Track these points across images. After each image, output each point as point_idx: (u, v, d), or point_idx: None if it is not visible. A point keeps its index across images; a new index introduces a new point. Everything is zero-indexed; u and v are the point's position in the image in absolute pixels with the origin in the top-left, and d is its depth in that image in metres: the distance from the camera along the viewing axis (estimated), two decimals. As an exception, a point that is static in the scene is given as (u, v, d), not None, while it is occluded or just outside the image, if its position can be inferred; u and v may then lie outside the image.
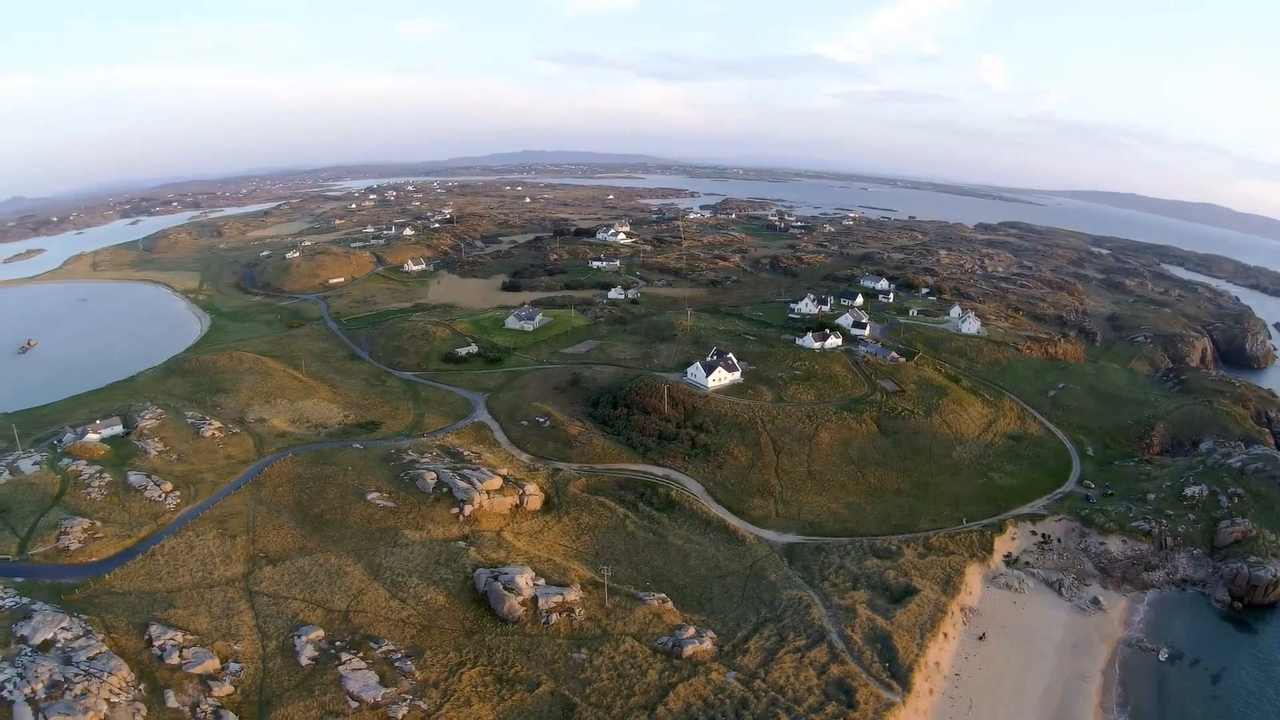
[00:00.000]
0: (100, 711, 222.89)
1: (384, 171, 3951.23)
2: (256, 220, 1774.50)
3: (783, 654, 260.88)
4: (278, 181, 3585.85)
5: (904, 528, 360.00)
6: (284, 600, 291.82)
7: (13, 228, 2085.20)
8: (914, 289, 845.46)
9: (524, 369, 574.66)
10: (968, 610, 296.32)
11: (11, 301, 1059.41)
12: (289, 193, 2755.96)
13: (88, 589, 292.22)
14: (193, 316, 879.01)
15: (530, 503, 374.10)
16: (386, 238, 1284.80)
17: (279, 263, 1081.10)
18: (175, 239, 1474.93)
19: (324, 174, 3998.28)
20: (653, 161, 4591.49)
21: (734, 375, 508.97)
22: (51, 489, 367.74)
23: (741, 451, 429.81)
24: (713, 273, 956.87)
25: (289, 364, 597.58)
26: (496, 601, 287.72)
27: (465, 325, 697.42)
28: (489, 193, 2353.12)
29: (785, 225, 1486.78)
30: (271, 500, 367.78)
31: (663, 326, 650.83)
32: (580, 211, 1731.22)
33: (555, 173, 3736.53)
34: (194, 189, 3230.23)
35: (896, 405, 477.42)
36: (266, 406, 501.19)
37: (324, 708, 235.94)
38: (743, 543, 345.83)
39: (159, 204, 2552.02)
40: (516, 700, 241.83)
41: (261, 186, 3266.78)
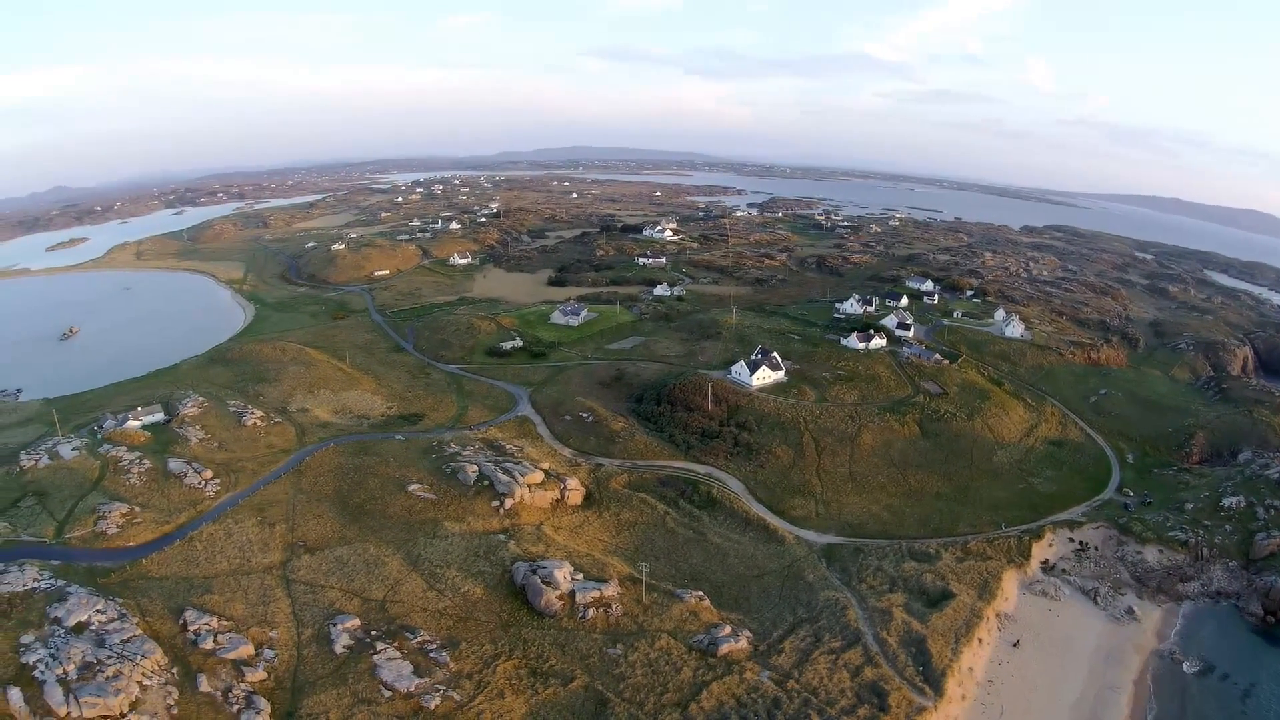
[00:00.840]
0: (131, 694, 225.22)
1: (431, 165, 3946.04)
2: (302, 212, 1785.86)
3: (817, 655, 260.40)
4: (324, 174, 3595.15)
5: (943, 531, 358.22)
6: (321, 589, 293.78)
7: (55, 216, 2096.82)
8: (959, 291, 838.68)
9: (568, 364, 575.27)
10: (1003, 616, 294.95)
11: (54, 289, 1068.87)
12: (335, 185, 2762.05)
13: (124, 573, 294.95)
14: (237, 306, 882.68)
15: (571, 497, 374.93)
16: (433, 231, 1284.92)
17: (324, 254, 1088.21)
18: (220, 229, 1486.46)
19: (370, 167, 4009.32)
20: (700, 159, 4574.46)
21: (778, 374, 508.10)
22: (91, 474, 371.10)
23: (783, 451, 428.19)
24: (759, 271, 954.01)
25: (333, 355, 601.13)
26: (534, 595, 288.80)
27: (510, 319, 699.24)
28: (536, 188, 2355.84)
29: (832, 225, 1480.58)
30: (312, 489, 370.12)
31: (708, 324, 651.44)
32: (627, 208, 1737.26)
33: (603, 169, 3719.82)
34: (239, 180, 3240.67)
35: (939, 408, 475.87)
36: (309, 397, 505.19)
37: (357, 696, 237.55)
38: (782, 542, 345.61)
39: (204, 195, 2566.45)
40: (550, 694, 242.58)
41: (307, 179, 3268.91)
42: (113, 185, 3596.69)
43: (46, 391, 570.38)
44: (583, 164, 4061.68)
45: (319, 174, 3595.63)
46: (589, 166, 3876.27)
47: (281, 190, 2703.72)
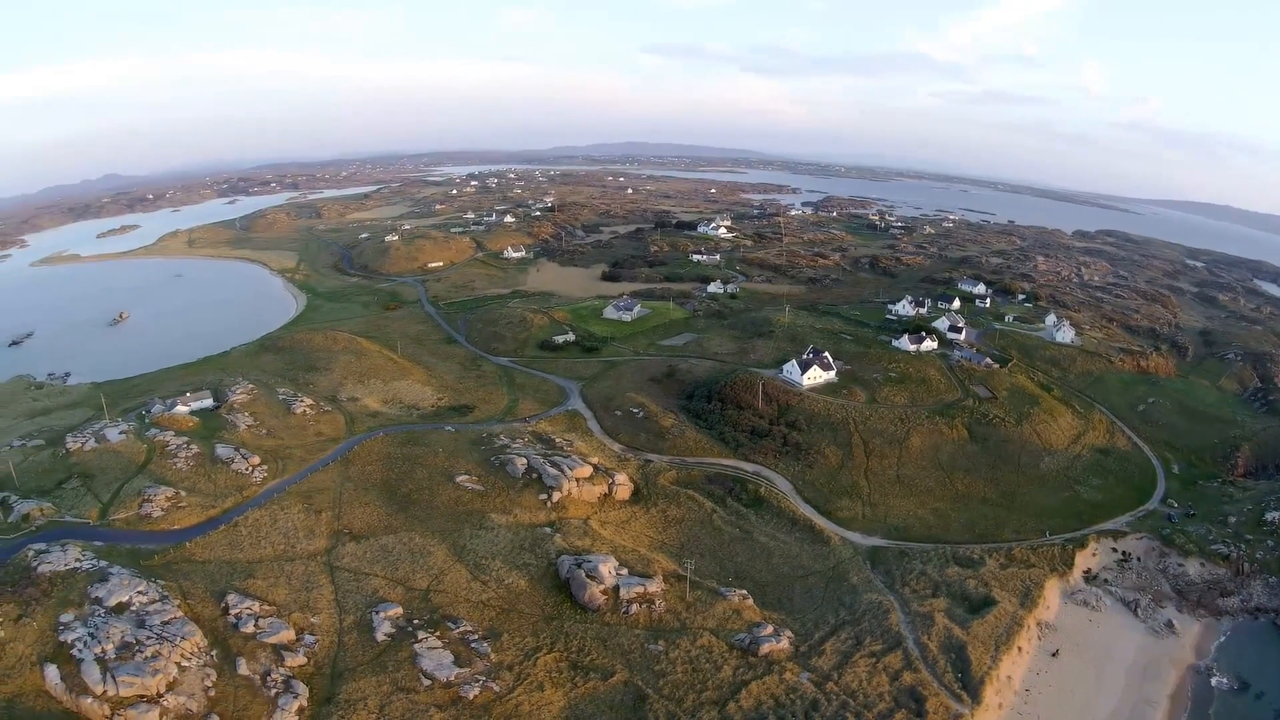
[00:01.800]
0: (170, 674, 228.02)
1: (486, 159, 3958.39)
2: (356, 203, 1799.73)
3: (858, 658, 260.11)
4: (378, 165, 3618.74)
5: (988, 537, 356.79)
6: (365, 576, 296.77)
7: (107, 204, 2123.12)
8: (1011, 294, 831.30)
9: (620, 359, 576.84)
10: (1044, 625, 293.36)
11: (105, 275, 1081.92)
12: (389, 177, 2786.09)
13: (167, 555, 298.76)
14: (288, 295, 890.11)
15: (619, 492, 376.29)
16: (487, 224, 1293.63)
17: (378, 245, 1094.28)
18: (273, 219, 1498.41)
19: (425, 159, 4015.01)
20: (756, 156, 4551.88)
21: (829, 374, 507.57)
22: (137, 457, 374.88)
23: (832, 451, 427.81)
24: (812, 270, 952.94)
25: (384, 345, 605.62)
26: (578, 589, 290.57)
27: (563, 313, 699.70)
28: (591, 182, 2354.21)
29: (886, 225, 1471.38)
30: (360, 478, 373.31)
31: (760, 322, 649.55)
32: (682, 204, 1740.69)
33: (658, 165, 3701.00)
34: (293, 171, 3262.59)
35: (988, 412, 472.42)
36: (360, 386, 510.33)
37: (396, 684, 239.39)
38: (828, 543, 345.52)
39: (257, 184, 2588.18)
40: (589, 688, 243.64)
41: (361, 170, 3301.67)
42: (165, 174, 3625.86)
43: (95, 376, 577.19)
44: (638, 160, 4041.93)
45: (373, 166, 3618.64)
46: (644, 162, 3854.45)
47: (335, 181, 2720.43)
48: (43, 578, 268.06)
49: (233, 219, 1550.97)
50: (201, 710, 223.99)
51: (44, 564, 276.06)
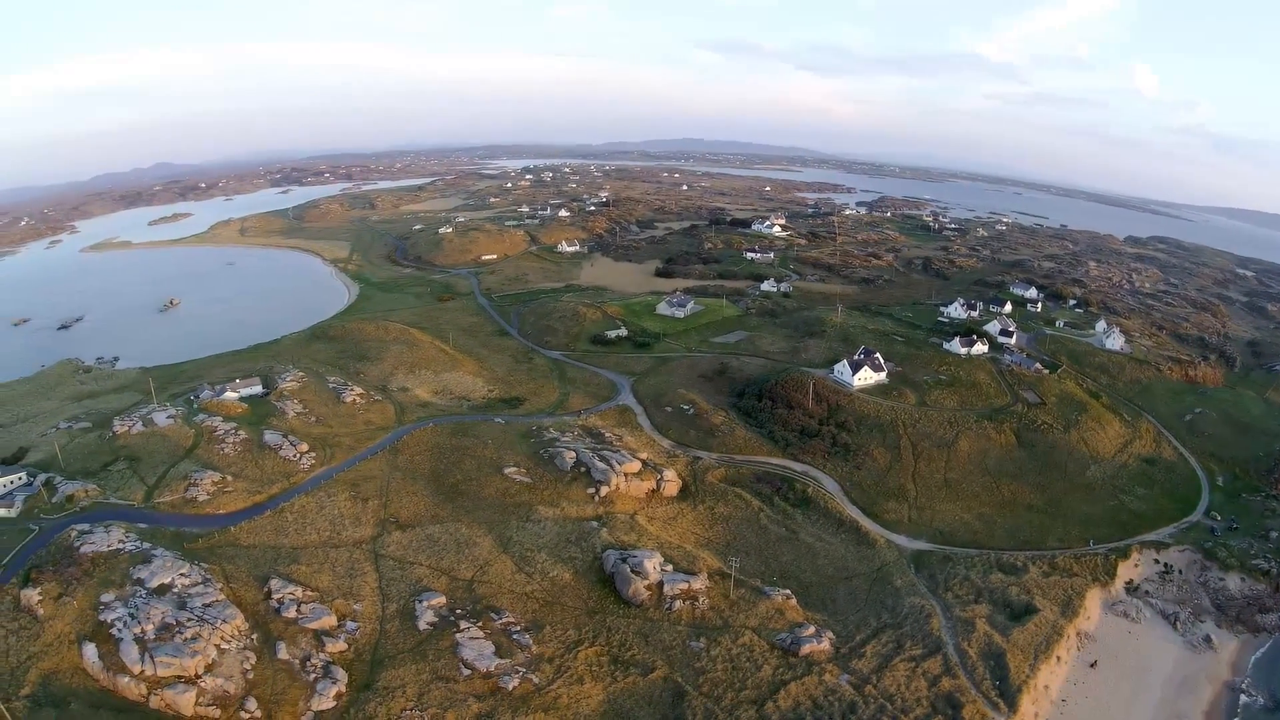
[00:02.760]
0: (209, 656, 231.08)
1: (541, 153, 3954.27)
2: (410, 194, 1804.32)
3: (898, 661, 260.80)
4: (432, 158, 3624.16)
5: (1032, 544, 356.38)
6: (410, 565, 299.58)
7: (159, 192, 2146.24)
8: (1062, 299, 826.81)
9: (672, 355, 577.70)
10: (1083, 635, 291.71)
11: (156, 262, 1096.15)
12: (444, 169, 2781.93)
13: (211, 539, 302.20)
14: (341, 285, 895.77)
15: (667, 488, 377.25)
16: (541, 218, 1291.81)
17: (431, 237, 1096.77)
18: (326, 209, 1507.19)
19: (480, 152, 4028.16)
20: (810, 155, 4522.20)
21: (879, 375, 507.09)
22: (184, 442, 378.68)
23: (881, 453, 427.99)
24: (865, 270, 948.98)
25: (436, 336, 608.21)
26: (622, 583, 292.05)
27: (616, 308, 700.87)
28: (646, 178, 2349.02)
29: (939, 227, 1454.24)
30: (408, 467, 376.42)
31: (813, 321, 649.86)
32: (737, 202, 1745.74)
33: (713, 161, 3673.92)
34: (347, 162, 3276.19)
35: (1037, 418, 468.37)
36: (410, 376, 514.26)
37: (436, 673, 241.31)
38: (873, 546, 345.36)
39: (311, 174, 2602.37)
40: (629, 683, 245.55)
41: (416, 162, 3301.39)
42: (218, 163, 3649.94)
43: (144, 360, 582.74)
44: (693, 156, 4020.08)
45: (428, 158, 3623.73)
46: (699, 159, 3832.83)
47: (390, 172, 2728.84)
48: (85, 558, 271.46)
49: (285, 209, 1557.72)
50: (239, 693, 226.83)
51: (87, 544, 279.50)
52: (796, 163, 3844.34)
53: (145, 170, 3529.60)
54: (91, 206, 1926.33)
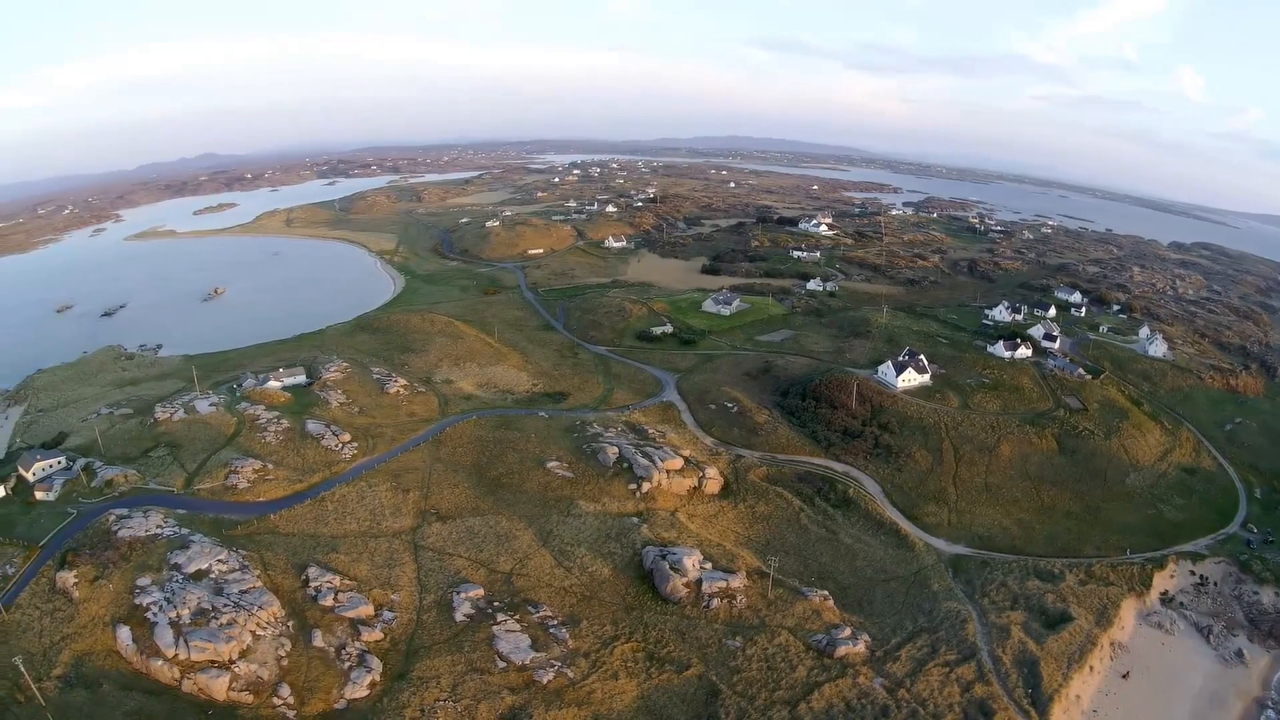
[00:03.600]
0: (244, 642, 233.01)
1: (588, 148, 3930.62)
2: (457, 188, 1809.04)
3: (932, 666, 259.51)
4: (480, 151, 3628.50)
5: (1069, 551, 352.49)
6: (449, 557, 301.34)
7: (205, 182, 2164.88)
8: (1106, 305, 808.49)
9: (717, 353, 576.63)
10: (1117, 645, 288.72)
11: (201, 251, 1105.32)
12: (491, 163, 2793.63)
13: (251, 526, 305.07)
14: (386, 277, 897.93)
15: (709, 486, 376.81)
16: (588, 213, 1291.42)
17: (478, 230, 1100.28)
18: (373, 201, 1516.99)
19: (528, 147, 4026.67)
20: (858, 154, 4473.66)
21: (923, 377, 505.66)
22: (226, 429, 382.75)
23: (922, 455, 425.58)
24: (911, 271, 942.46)
25: (481, 329, 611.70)
26: (661, 580, 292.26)
27: (662, 305, 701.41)
28: (694, 175, 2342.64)
29: (985, 229, 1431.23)
30: (450, 459, 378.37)
31: (858, 322, 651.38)
32: (784, 200, 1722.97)
33: (761, 159, 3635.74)
34: (394, 154, 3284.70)
35: (1078, 424, 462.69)
36: (455, 369, 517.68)
37: (471, 664, 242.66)
38: (912, 549, 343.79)
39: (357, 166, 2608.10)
40: (663, 680, 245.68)
41: (463, 155, 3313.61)
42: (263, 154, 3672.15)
43: (187, 348, 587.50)
44: (741, 154, 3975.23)
45: (475, 151, 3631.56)
46: (747, 156, 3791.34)
47: (437, 165, 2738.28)
48: (122, 542, 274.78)
49: (332, 200, 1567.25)
50: (272, 679, 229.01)
51: (124, 529, 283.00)
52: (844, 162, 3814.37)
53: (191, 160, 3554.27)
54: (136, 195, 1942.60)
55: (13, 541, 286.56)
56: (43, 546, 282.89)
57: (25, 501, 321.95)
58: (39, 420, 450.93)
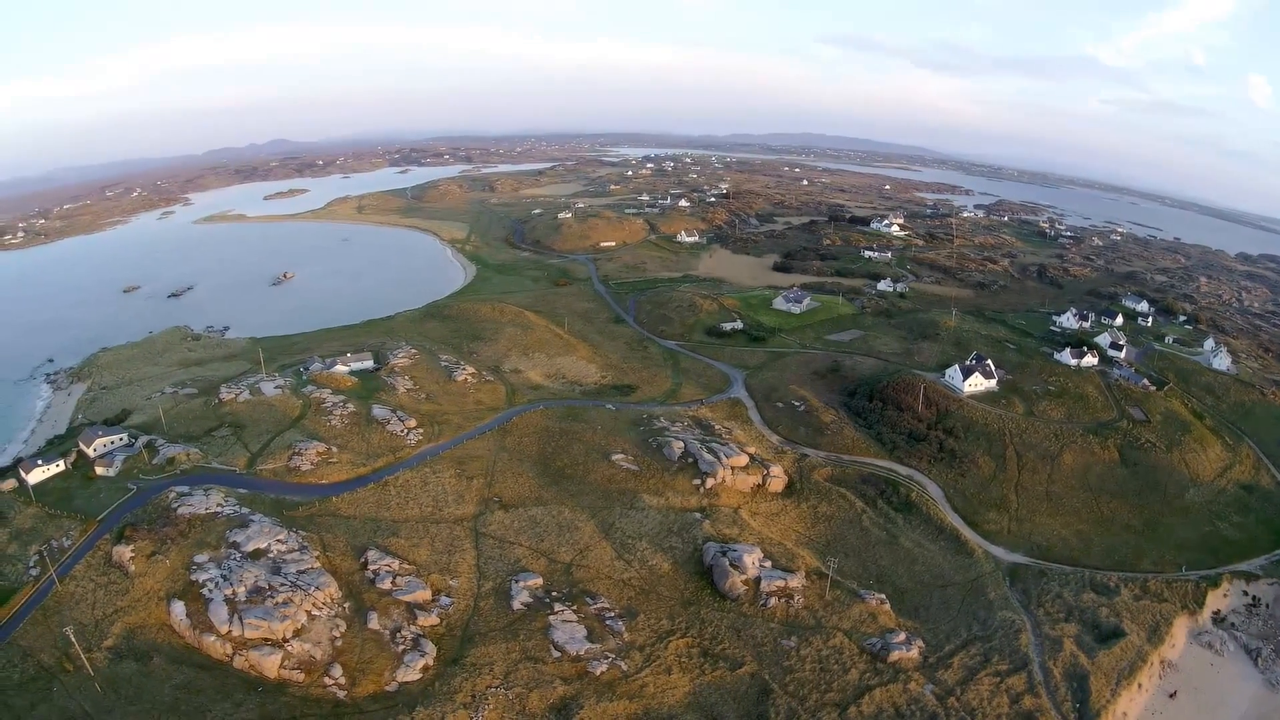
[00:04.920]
0: (298, 621, 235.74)
1: (662, 142, 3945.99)
2: (530, 179, 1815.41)
3: (983, 675, 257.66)
4: (553, 143, 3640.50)
5: (1125, 565, 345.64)
6: (509, 545, 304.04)
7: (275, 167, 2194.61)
8: (1172, 315, 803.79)
9: (786, 351, 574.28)
10: (1166, 663, 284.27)
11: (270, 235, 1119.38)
12: (565, 155, 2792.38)
13: (312, 508, 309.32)
14: (457, 266, 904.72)
15: (773, 484, 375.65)
16: (661, 207, 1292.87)
17: (550, 222, 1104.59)
18: (445, 190, 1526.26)
19: (601, 139, 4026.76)
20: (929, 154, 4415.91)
21: (989, 383, 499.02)
22: (291, 412, 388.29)
23: (986, 462, 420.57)
24: (981, 274, 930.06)
25: (551, 320, 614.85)
26: (720, 577, 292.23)
27: (733, 301, 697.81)
28: (766, 171, 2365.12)
29: (1055, 234, 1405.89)
30: (515, 449, 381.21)
31: (926, 324, 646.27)
32: (856, 199, 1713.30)
33: (834, 157, 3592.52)
34: (467, 144, 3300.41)
35: (1141, 436, 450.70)
36: (523, 359, 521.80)
37: (525, 653, 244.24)
38: (970, 555, 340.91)
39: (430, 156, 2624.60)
40: (716, 676, 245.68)
41: (536, 146, 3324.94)
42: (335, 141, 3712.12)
43: (254, 331, 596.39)
44: (814, 151, 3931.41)
45: (549, 143, 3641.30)
46: (820, 154, 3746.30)
47: (510, 156, 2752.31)
48: (181, 519, 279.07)
49: (404, 188, 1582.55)
50: (325, 659, 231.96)
51: (184, 506, 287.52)
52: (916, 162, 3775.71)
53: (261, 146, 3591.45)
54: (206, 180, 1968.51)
55: (71, 515, 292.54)
56: (100, 521, 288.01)
57: (86, 476, 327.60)
58: (101, 397, 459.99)
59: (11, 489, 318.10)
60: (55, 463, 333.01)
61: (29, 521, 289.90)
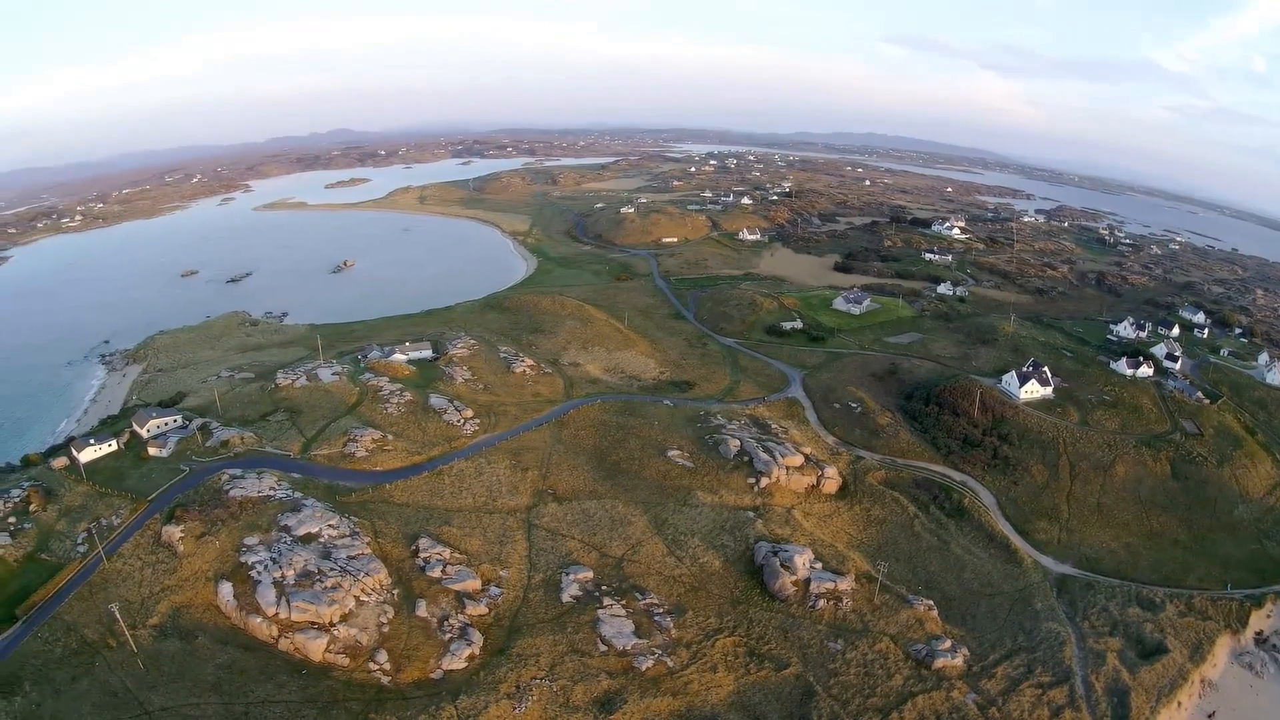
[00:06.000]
0: (346, 606, 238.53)
1: (724, 139, 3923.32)
2: (593, 173, 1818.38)
3: (1025, 686, 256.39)
4: (617, 137, 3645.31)
5: (1172, 580, 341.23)
6: (561, 538, 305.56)
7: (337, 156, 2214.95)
8: (1228, 327, 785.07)
9: (845, 351, 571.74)
10: (1206, 683, 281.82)
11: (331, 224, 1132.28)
12: (628, 149, 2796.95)
13: (365, 494, 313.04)
14: (519, 258, 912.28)
15: (827, 485, 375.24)
16: (724, 204, 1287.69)
17: (613, 216, 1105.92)
18: (507, 182, 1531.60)
19: (664, 135, 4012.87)
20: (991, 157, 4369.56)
21: (1045, 390, 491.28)
22: (348, 399, 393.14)
23: (1039, 470, 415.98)
24: (1040, 280, 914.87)
25: (612, 314, 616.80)
26: (770, 577, 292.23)
27: (793, 300, 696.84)
28: (829, 171, 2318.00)
29: (1114, 241, 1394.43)
30: (571, 441, 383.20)
31: (985, 329, 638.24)
32: (918, 200, 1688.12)
33: (896, 158, 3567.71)
34: (530, 137, 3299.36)
35: (1193, 449, 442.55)
36: (583, 352, 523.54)
37: (572, 646, 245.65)
38: (1020, 564, 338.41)
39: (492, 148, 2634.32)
40: (761, 676, 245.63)
41: (599, 141, 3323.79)
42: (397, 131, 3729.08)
43: (313, 318, 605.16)
44: (876, 151, 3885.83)
45: (612, 137, 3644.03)
46: (882, 154, 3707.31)
47: (573, 150, 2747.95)
48: (233, 501, 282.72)
49: (466, 179, 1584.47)
50: (371, 644, 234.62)
51: (236, 488, 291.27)
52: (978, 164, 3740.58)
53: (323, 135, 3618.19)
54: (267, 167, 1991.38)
55: (121, 494, 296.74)
56: (151, 501, 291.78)
57: (138, 456, 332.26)
58: (156, 379, 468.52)
59: (63, 467, 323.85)
60: (108, 442, 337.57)
61: (79, 499, 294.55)
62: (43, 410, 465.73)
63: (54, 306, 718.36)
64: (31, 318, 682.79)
